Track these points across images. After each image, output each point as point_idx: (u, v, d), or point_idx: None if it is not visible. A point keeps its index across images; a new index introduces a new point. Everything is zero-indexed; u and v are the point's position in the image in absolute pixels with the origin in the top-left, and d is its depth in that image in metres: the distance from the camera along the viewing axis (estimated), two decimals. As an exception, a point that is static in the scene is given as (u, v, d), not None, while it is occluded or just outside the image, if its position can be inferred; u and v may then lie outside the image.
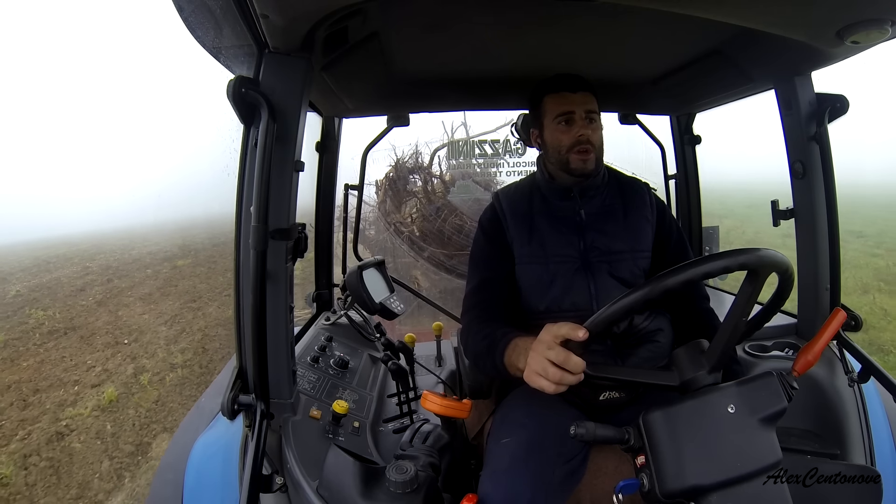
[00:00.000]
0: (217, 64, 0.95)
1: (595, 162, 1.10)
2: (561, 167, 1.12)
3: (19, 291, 10.45)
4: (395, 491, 0.83)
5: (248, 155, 0.86)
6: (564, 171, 1.12)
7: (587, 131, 1.08)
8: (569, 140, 1.08)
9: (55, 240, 24.22)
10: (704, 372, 0.67)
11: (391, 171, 5.67)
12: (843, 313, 0.81)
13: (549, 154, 1.14)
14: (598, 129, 1.11)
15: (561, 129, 1.10)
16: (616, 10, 0.97)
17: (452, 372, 1.71)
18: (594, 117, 1.10)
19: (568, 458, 0.91)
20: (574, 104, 1.08)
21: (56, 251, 17.95)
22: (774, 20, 0.82)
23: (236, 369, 0.90)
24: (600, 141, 1.11)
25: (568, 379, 0.71)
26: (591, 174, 1.11)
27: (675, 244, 1.15)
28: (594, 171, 1.11)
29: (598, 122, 1.11)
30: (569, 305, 1.06)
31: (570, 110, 1.08)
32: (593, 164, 1.09)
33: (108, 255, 15.25)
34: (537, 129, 1.17)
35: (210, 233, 17.38)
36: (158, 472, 1.14)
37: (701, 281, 0.67)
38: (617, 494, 0.68)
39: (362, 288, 1.55)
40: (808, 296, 1.23)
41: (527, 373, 0.75)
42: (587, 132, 1.08)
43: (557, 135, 1.10)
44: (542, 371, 0.72)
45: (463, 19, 1.05)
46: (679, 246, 1.15)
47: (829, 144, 1.12)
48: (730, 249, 0.69)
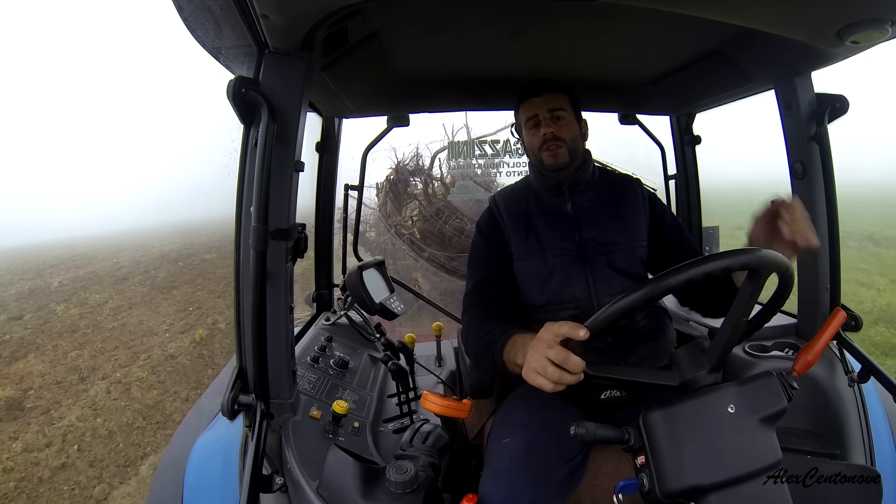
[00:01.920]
0: (217, 64, 0.95)
1: (568, 154, 1.13)
2: (539, 166, 1.17)
3: (62, 282, 11.86)
4: (395, 491, 0.83)
5: (248, 155, 0.86)
6: (541, 168, 1.17)
7: (551, 129, 1.12)
8: (538, 140, 1.14)
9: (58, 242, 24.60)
10: (705, 372, 0.67)
11: (392, 174, 5.68)
12: (843, 313, 0.81)
13: (529, 156, 1.21)
14: (566, 124, 1.14)
15: (532, 132, 1.16)
16: (616, 10, 0.98)
17: (452, 372, 1.71)
18: (560, 114, 1.13)
19: (568, 458, 0.91)
20: (537, 107, 1.14)
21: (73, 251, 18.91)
22: (774, 20, 0.82)
23: (236, 369, 0.90)
24: (572, 134, 1.14)
25: (567, 378, 0.71)
26: (564, 167, 1.14)
27: (669, 229, 1.17)
28: (567, 163, 1.14)
29: (566, 119, 1.14)
30: (568, 296, 1.07)
31: (534, 114, 1.14)
32: (566, 157, 1.13)
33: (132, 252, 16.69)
34: (520, 135, 1.24)
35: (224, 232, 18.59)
36: (158, 472, 1.14)
37: (702, 281, 0.66)
38: (617, 494, 0.68)
39: (362, 288, 1.55)
40: (808, 296, 1.23)
41: (525, 370, 0.75)
42: (551, 130, 1.12)
43: (529, 138, 1.17)
44: (540, 370, 0.72)
45: (463, 19, 1.05)
46: (674, 230, 1.17)
47: (829, 144, 1.12)
48: (731, 249, 0.69)
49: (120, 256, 15.62)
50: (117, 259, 15.01)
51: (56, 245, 24.43)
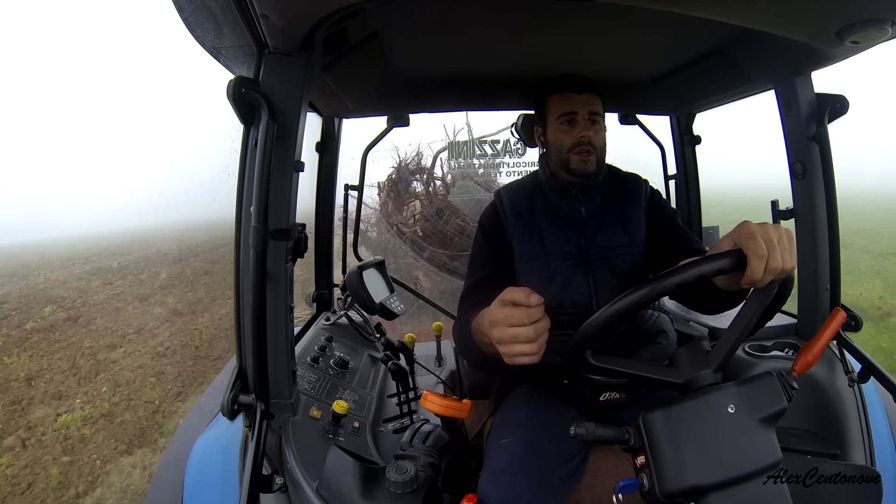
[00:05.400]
0: (217, 64, 0.95)
1: (596, 163, 1.10)
2: (561, 166, 1.12)
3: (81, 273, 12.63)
4: (395, 491, 0.83)
5: (248, 155, 0.86)
6: (565, 170, 1.12)
7: (589, 133, 1.08)
8: (570, 140, 1.09)
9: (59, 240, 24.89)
10: (708, 371, 0.67)
11: (393, 173, 5.68)
12: (842, 313, 0.81)
13: (550, 153, 1.15)
14: (600, 130, 1.11)
15: (563, 128, 1.10)
16: (616, 10, 0.97)
17: (452, 372, 1.71)
18: (597, 119, 1.10)
19: (568, 459, 0.91)
20: (577, 105, 1.09)
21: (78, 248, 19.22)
22: (774, 20, 0.82)
23: (236, 369, 0.90)
24: (602, 143, 1.11)
25: (532, 333, 0.66)
26: (591, 175, 1.11)
27: (669, 225, 1.13)
28: (594, 172, 1.11)
29: (601, 125, 1.11)
30: (568, 302, 1.06)
31: (573, 111, 1.09)
32: (594, 166, 1.09)
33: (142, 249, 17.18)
34: (541, 128, 1.18)
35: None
36: (158, 472, 1.14)
37: (696, 283, 0.66)
38: (617, 494, 0.68)
39: (362, 288, 1.55)
40: (808, 296, 1.23)
41: (495, 332, 0.70)
42: (589, 133, 1.08)
43: (559, 134, 1.11)
44: (508, 339, 0.67)
45: (463, 19, 1.05)
46: (675, 226, 1.13)
47: (829, 145, 1.12)
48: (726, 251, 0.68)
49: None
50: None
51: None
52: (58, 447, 3.95)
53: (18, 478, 3.52)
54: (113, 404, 4.75)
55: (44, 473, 3.56)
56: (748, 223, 0.66)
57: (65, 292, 10.26)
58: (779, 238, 0.64)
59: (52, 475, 3.50)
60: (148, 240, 19.29)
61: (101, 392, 5.07)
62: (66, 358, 6.18)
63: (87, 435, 4.13)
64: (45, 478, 3.49)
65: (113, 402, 4.81)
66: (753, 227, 0.65)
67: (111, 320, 7.96)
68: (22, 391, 5.16)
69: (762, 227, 0.65)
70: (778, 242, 0.64)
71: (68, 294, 10.06)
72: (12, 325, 7.83)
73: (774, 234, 0.64)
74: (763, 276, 0.63)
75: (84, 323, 7.83)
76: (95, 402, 4.81)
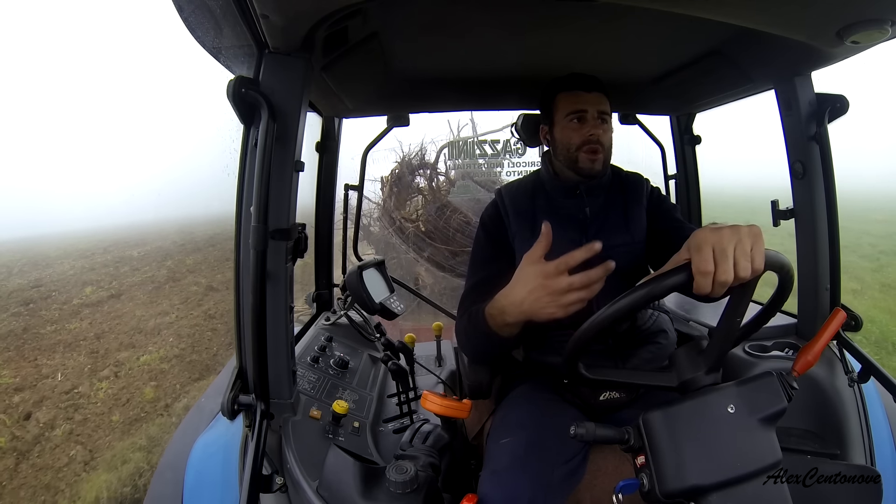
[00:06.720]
0: (217, 64, 0.95)
1: (603, 163, 1.10)
2: (569, 165, 1.12)
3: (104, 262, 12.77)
4: (395, 491, 0.83)
5: (248, 155, 0.86)
6: (572, 169, 1.12)
7: (598, 131, 1.08)
8: (579, 138, 1.09)
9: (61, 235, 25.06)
10: (702, 372, 0.67)
11: (396, 168, 5.69)
12: (842, 313, 0.81)
13: (557, 151, 1.14)
14: (608, 130, 1.11)
15: (572, 126, 1.10)
16: (616, 10, 0.97)
17: (452, 372, 1.71)
18: (606, 118, 1.10)
19: (568, 458, 0.91)
20: (587, 103, 1.08)
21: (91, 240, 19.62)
22: (774, 20, 0.82)
23: (236, 369, 0.90)
24: (610, 142, 1.11)
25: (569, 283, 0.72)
26: (598, 175, 1.11)
27: (669, 220, 1.13)
28: (601, 172, 1.11)
29: (609, 124, 1.12)
30: None
31: (582, 109, 1.08)
32: (601, 165, 1.10)
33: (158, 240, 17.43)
34: (547, 126, 1.17)
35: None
36: (158, 472, 1.14)
37: (649, 303, 0.66)
38: (617, 494, 0.68)
39: (362, 288, 1.55)
40: (808, 296, 1.23)
41: (529, 307, 0.77)
42: (598, 132, 1.08)
43: (568, 132, 1.10)
44: (540, 287, 0.74)
45: (463, 19, 1.05)
46: (675, 222, 1.12)
47: (829, 145, 1.12)
48: (674, 268, 0.67)
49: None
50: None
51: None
52: (145, 376, 5.15)
53: (119, 395, 4.73)
54: (181, 349, 5.91)
55: (138, 392, 4.74)
56: (701, 231, 0.61)
57: (97, 277, 10.60)
58: (737, 243, 0.58)
59: (145, 393, 4.69)
60: (160, 233, 19.54)
61: (169, 342, 6.20)
62: (125, 322, 7.09)
63: (166, 369, 5.34)
64: (140, 395, 4.67)
65: (180, 347, 5.97)
66: (704, 236, 0.60)
67: (153, 296, 8.52)
68: (96, 345, 6.22)
69: (715, 235, 0.59)
70: (736, 247, 0.58)
71: (101, 278, 10.39)
72: (59, 301, 8.46)
73: (730, 240, 0.58)
74: (713, 289, 0.59)
75: (128, 299, 8.38)
76: (166, 348, 5.95)
